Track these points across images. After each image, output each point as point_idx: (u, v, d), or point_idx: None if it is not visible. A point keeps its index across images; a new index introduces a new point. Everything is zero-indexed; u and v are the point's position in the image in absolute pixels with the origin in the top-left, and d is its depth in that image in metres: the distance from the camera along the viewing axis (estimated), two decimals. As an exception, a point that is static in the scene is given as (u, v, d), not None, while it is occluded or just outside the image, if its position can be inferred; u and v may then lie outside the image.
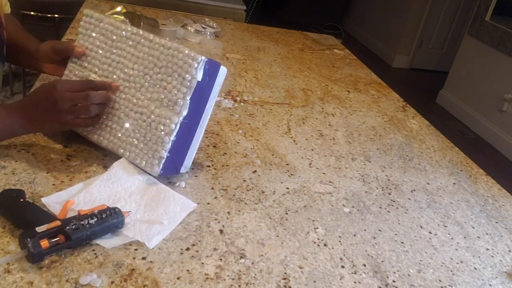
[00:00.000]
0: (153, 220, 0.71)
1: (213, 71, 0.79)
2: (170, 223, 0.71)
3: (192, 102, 0.78)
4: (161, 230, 0.69)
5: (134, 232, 0.67)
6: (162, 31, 1.44)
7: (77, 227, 0.62)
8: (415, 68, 4.74)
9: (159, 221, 0.70)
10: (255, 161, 0.94)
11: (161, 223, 0.70)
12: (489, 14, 3.46)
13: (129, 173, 0.78)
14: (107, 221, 0.65)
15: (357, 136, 1.15)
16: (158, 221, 0.70)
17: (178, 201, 0.76)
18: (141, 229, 0.68)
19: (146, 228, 0.69)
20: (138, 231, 0.68)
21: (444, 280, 0.74)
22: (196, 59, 0.76)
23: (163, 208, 0.74)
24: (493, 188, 1.05)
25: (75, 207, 0.69)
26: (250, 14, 3.57)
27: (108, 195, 0.74)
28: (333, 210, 0.84)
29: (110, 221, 0.65)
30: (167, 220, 0.71)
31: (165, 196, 0.76)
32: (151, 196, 0.76)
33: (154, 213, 0.72)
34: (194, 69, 0.76)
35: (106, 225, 0.65)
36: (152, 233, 0.68)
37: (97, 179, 0.77)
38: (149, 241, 0.66)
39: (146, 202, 0.74)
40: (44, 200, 0.70)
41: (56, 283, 0.57)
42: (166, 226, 0.70)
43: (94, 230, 0.63)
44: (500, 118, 3.35)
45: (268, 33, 1.82)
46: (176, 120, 0.77)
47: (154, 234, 0.68)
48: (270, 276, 0.66)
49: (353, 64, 1.68)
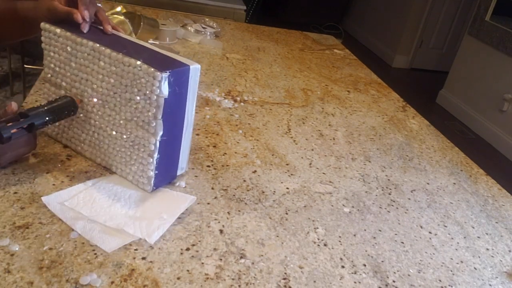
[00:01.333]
0: (153, 216, 0.71)
1: (181, 78, 0.73)
2: (169, 217, 0.71)
3: (166, 120, 0.72)
4: (161, 224, 0.70)
5: (134, 229, 0.68)
6: (162, 31, 1.44)
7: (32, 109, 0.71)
8: (415, 68, 4.74)
9: (158, 216, 0.71)
10: (255, 161, 0.94)
11: (160, 217, 0.71)
12: (489, 14, 3.46)
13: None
14: (58, 102, 0.74)
15: (357, 136, 1.15)
16: (158, 216, 0.71)
17: (177, 196, 0.77)
18: (141, 226, 0.69)
19: (146, 225, 0.69)
20: (138, 228, 0.68)
21: (444, 280, 0.74)
22: (157, 77, 0.68)
23: (163, 205, 0.74)
24: (493, 188, 1.05)
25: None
26: (250, 14, 3.57)
27: (108, 195, 0.74)
28: (333, 210, 0.84)
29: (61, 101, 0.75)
30: (167, 214, 0.72)
31: (164, 194, 0.77)
32: (151, 196, 0.76)
33: (154, 210, 0.73)
34: (157, 88, 0.69)
35: (59, 104, 0.74)
36: (152, 228, 0.68)
37: (98, 180, 0.77)
38: (149, 236, 0.67)
39: (146, 201, 0.75)
40: (44, 199, 0.70)
41: (56, 283, 0.57)
42: (165, 220, 0.71)
43: (49, 108, 0.72)
44: (500, 118, 3.35)
45: (268, 33, 1.82)
46: (153, 141, 0.73)
47: (155, 229, 0.68)
48: (270, 276, 0.66)
49: (353, 64, 1.68)
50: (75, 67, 0.78)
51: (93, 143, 0.80)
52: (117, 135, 0.77)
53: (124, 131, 0.76)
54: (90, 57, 0.75)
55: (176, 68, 0.72)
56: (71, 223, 0.67)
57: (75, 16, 0.76)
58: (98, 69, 0.75)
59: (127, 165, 0.78)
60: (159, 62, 0.72)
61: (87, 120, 0.79)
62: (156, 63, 0.71)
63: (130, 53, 0.72)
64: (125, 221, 0.69)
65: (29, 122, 0.69)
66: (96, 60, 0.75)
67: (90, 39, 0.75)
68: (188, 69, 0.74)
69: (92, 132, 0.80)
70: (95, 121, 0.78)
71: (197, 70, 0.75)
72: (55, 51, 0.79)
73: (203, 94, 1.18)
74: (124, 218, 0.70)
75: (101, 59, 0.74)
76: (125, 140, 0.76)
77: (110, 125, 0.77)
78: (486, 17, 3.49)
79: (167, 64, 0.72)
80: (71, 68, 0.78)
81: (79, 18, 0.76)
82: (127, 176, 0.78)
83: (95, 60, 0.75)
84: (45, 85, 0.84)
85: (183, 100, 0.75)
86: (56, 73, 0.81)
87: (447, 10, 4.47)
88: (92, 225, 0.67)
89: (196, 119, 1.04)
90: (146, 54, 0.74)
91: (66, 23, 0.78)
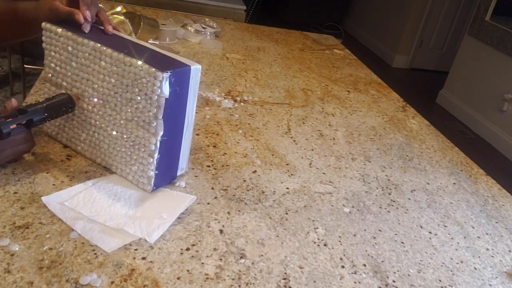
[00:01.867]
0: (153, 216, 0.71)
1: (182, 79, 0.73)
2: (169, 216, 0.72)
3: (167, 120, 0.72)
4: (161, 224, 0.70)
5: (134, 229, 0.68)
6: (162, 31, 1.44)
7: (30, 106, 0.72)
8: (415, 68, 4.74)
9: (158, 215, 0.71)
10: (255, 161, 0.94)
11: (160, 217, 0.71)
12: (489, 14, 3.46)
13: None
14: (56, 99, 0.75)
15: (357, 136, 1.15)
16: (158, 216, 0.71)
17: (177, 196, 0.77)
18: (141, 225, 0.69)
19: (146, 224, 0.69)
20: (138, 228, 0.68)
21: (444, 280, 0.74)
22: (158, 77, 0.68)
23: (162, 205, 0.74)
24: (493, 188, 1.05)
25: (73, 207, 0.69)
26: (250, 14, 3.57)
27: (108, 195, 0.74)
28: (333, 210, 0.84)
29: (59, 98, 0.75)
30: (167, 214, 0.72)
31: (164, 194, 0.77)
32: (151, 196, 0.76)
33: (154, 210, 0.73)
34: (158, 88, 0.69)
35: (57, 101, 0.75)
36: (153, 228, 0.69)
37: (98, 180, 0.77)
38: (149, 235, 0.67)
39: (146, 201, 0.75)
40: (44, 199, 0.70)
41: (56, 283, 0.57)
42: (165, 219, 0.71)
43: (48, 105, 0.73)
44: (500, 118, 3.35)
45: (268, 33, 1.82)
46: (154, 141, 0.73)
47: (155, 229, 0.68)
48: (270, 276, 0.66)
49: (353, 64, 1.68)
50: (76, 67, 0.78)
51: (93, 143, 0.80)
52: (117, 135, 0.77)
53: (124, 131, 0.75)
54: (91, 57, 0.75)
55: (177, 68, 0.72)
56: (71, 223, 0.67)
57: (77, 16, 0.76)
58: (99, 69, 0.75)
59: (127, 165, 0.77)
60: (160, 62, 0.72)
61: (87, 120, 0.79)
62: (157, 63, 0.71)
63: (131, 53, 0.72)
64: (125, 221, 0.69)
65: (27, 118, 0.70)
66: (97, 60, 0.75)
67: (91, 39, 0.75)
68: (189, 69, 0.73)
69: (92, 132, 0.79)
70: (96, 121, 0.78)
71: (197, 70, 0.75)
72: (56, 51, 0.79)
73: (203, 94, 1.18)
74: (124, 218, 0.70)
75: (102, 59, 0.74)
76: (125, 140, 0.76)
77: (110, 125, 0.77)
78: (486, 17, 3.49)
79: (168, 64, 0.72)
80: (72, 68, 0.78)
81: (81, 19, 0.76)
82: (127, 176, 0.78)
83: (96, 60, 0.75)
84: (45, 84, 0.84)
85: (184, 100, 0.75)
86: (57, 72, 0.81)
87: (447, 10, 4.47)
88: (92, 225, 0.67)
89: (196, 119, 1.04)
90: (147, 54, 0.74)
91: (67, 23, 0.78)
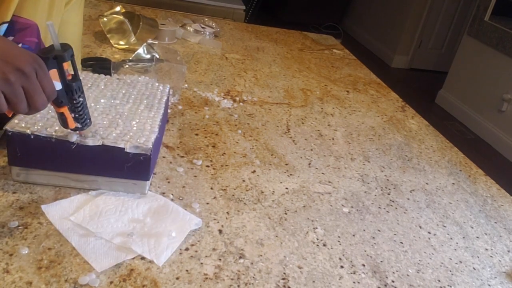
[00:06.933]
0: (161, 232, 0.68)
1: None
2: (178, 234, 0.68)
3: None
4: (169, 243, 0.67)
5: (142, 249, 0.65)
6: (161, 31, 1.44)
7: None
8: (414, 68, 4.74)
9: (167, 233, 0.68)
10: (254, 161, 0.94)
11: (169, 235, 0.68)
12: (488, 14, 3.46)
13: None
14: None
15: (356, 136, 1.15)
16: (166, 233, 0.68)
17: (183, 215, 0.73)
18: (149, 244, 0.66)
19: (154, 243, 0.66)
20: (147, 247, 0.65)
21: (443, 280, 0.74)
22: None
23: (171, 218, 0.71)
24: (492, 188, 1.05)
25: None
26: (249, 14, 3.57)
27: (114, 205, 0.72)
28: (332, 210, 0.84)
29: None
30: (175, 231, 0.69)
31: (173, 208, 0.74)
32: (159, 206, 0.73)
33: (162, 224, 0.70)
34: None
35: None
36: (161, 248, 0.66)
37: (102, 192, 0.74)
38: (158, 257, 0.64)
39: (154, 212, 0.72)
40: (44, 208, 0.68)
41: (55, 283, 0.57)
42: (174, 238, 0.68)
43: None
44: (499, 118, 3.35)
45: (268, 33, 1.82)
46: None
47: (163, 250, 0.65)
48: (269, 276, 0.66)
49: (352, 64, 1.68)
50: None
51: None
52: None
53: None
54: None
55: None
56: (67, 234, 0.65)
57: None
58: None
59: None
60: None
61: None
62: None
63: None
64: (132, 238, 0.66)
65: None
66: None
67: None
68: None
69: None
70: None
71: None
72: None
73: (202, 94, 1.18)
74: (131, 233, 0.67)
75: None
76: None
77: None
78: (485, 17, 3.49)
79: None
80: None
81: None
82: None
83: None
84: None
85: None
86: None
87: (446, 10, 4.47)
88: (86, 239, 0.65)
89: (195, 119, 1.04)
90: None
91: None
